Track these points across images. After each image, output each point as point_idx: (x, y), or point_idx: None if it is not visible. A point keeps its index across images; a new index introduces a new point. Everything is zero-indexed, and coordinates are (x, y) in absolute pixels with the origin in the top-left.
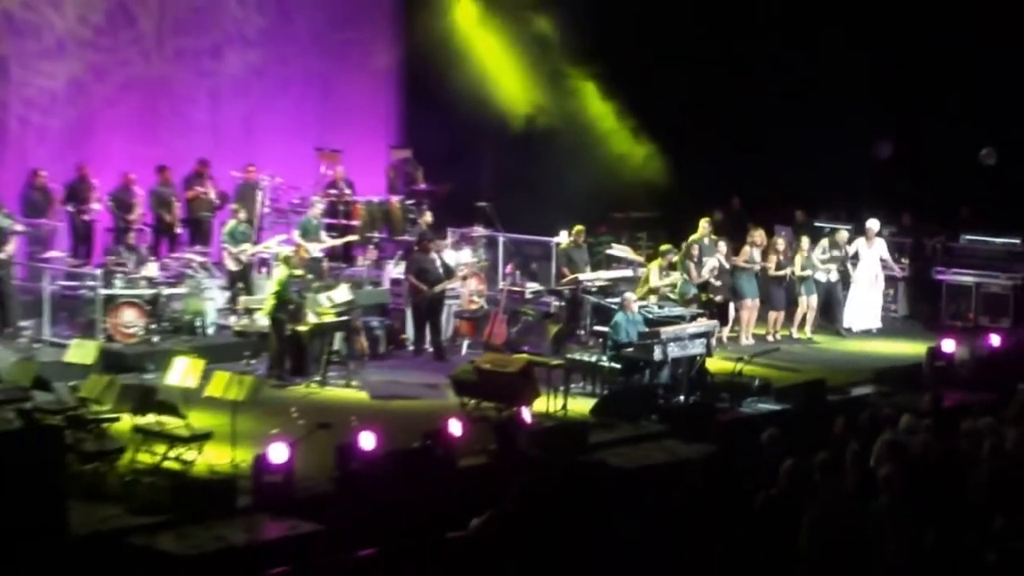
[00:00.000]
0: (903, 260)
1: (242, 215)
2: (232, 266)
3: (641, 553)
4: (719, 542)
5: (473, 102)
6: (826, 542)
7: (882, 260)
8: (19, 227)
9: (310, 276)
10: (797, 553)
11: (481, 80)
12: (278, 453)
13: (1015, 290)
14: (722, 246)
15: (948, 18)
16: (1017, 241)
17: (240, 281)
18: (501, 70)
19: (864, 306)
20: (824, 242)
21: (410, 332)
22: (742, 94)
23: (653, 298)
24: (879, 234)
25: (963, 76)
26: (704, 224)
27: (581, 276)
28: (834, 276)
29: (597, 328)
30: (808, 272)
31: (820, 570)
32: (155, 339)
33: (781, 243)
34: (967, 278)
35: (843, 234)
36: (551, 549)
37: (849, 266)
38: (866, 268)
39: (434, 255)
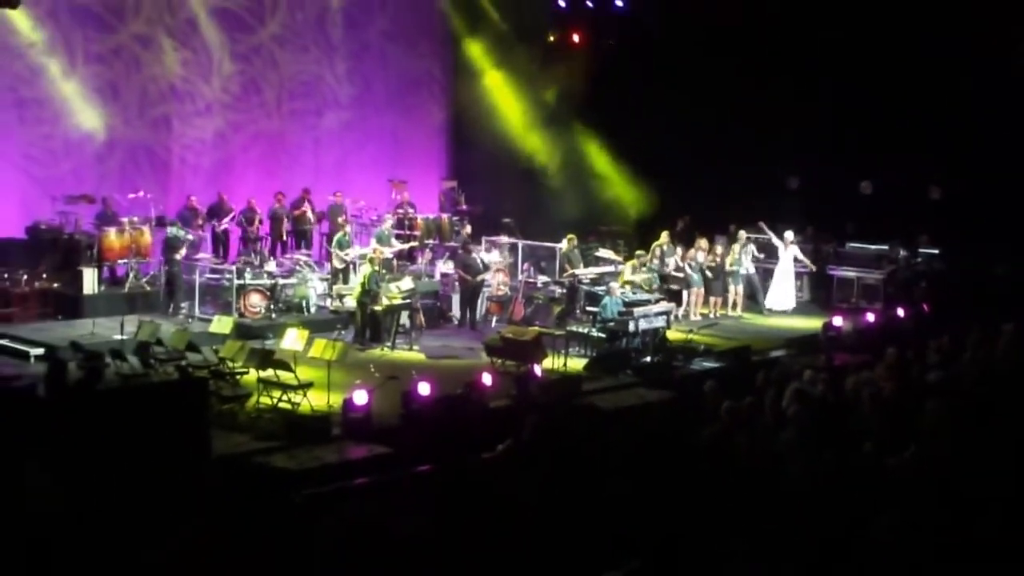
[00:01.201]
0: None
1: (347, 228)
2: (338, 264)
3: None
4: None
5: (500, 146)
6: (753, 461)
7: (797, 259)
8: (190, 237)
9: (384, 271)
10: (734, 470)
11: (505, 130)
12: (360, 397)
13: (884, 282)
14: (679, 250)
15: (841, 82)
16: (886, 247)
17: (340, 274)
18: (519, 123)
19: (782, 293)
20: (735, 246)
21: (455, 311)
22: (693, 142)
23: (629, 287)
24: (793, 242)
25: (851, 126)
26: (664, 234)
27: (577, 271)
28: (752, 269)
29: (589, 308)
30: (736, 268)
31: (750, 482)
32: (273, 315)
33: (719, 247)
34: (851, 273)
35: (742, 233)
36: (556, 466)
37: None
38: (783, 265)
39: (475, 255)
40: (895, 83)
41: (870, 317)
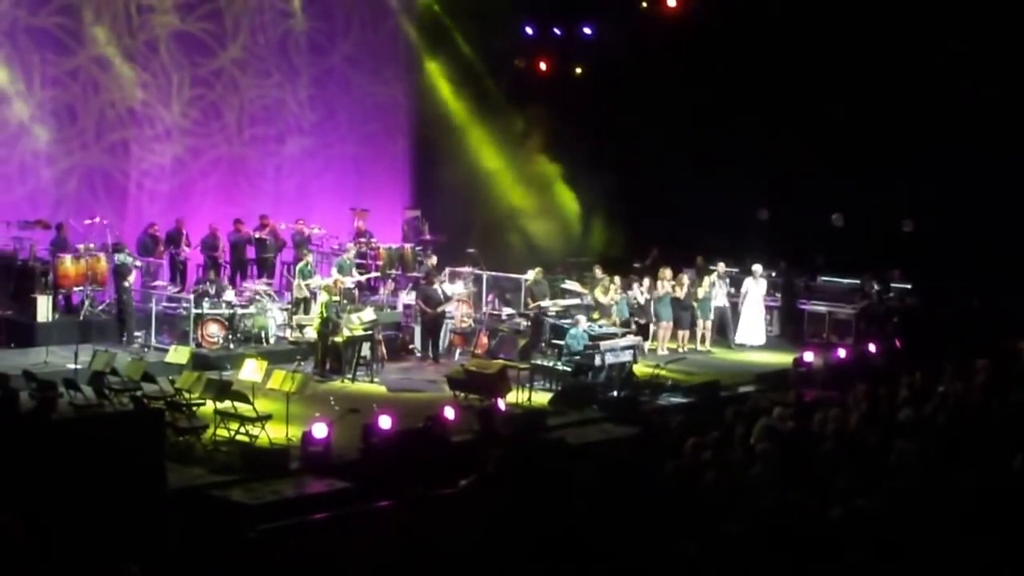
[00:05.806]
0: (777, 294)
1: (310, 257)
2: (300, 294)
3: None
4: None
5: (464, 175)
6: (718, 497)
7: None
8: (138, 263)
9: (345, 301)
10: (698, 505)
11: (470, 159)
12: (320, 430)
13: (855, 317)
14: (645, 282)
15: (814, 112)
16: (857, 281)
17: (301, 304)
18: (485, 151)
19: (752, 327)
20: (710, 278)
21: (417, 342)
22: (661, 173)
23: (597, 315)
24: (762, 275)
25: (823, 157)
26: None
27: (542, 303)
28: (725, 302)
29: (554, 341)
30: (707, 301)
31: (714, 517)
32: (231, 346)
33: (686, 280)
34: (822, 307)
35: (722, 267)
36: (520, 502)
37: (740, 298)
38: (753, 299)
39: (436, 286)
40: (867, 115)
41: (841, 353)
